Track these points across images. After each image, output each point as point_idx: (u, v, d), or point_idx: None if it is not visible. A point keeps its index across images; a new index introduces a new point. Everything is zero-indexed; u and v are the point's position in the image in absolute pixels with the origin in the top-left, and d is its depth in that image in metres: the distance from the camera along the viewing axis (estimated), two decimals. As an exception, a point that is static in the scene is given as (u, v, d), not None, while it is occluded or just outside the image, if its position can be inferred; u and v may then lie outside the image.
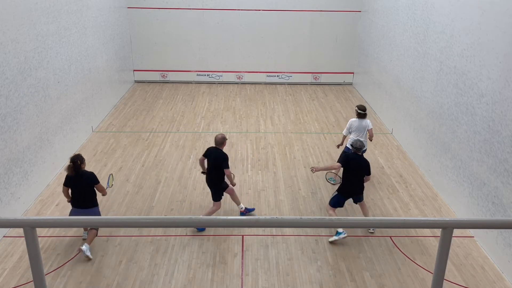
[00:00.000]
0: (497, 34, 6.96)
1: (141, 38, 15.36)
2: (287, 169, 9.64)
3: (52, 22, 9.01)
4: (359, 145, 7.36)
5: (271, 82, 16.08)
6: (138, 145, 10.62)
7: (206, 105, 13.66)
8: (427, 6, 9.62)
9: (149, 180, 9.07)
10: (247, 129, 11.89)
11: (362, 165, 7.31)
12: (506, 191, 6.60)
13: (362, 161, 7.35)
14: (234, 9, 15.21)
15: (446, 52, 8.69)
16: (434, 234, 7.50)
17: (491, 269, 6.73)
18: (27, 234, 1.95)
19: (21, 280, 6.27)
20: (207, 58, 15.77)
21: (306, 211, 8.15)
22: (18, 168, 7.64)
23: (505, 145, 6.66)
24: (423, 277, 6.51)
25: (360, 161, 7.34)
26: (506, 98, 6.67)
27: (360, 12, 15.16)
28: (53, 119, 9.02)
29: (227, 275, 6.47)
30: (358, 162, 7.31)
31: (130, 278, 6.37)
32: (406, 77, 10.73)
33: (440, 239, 2.07)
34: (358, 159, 7.34)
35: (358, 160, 7.33)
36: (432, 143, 9.20)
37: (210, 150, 7.54)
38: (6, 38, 7.29)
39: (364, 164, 7.34)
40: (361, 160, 7.36)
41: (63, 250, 6.90)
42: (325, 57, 15.89)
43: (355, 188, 7.34)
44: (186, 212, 8.02)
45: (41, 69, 8.52)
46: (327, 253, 6.97)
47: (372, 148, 10.76)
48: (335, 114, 13.06)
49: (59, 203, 8.17)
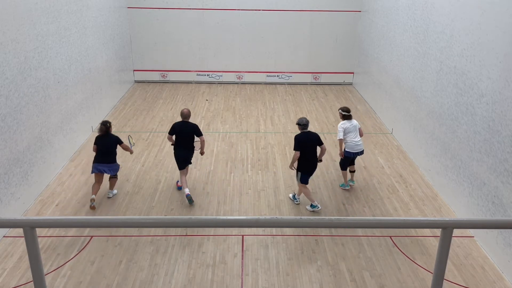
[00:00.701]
0: (497, 34, 6.96)
1: (141, 38, 15.36)
2: (287, 169, 9.64)
3: (52, 22, 9.01)
4: (306, 121, 7.90)
5: (271, 82, 16.08)
6: (138, 145, 10.62)
7: (206, 105, 13.67)
8: (427, 6, 9.62)
9: (149, 180, 9.07)
10: (247, 129, 11.89)
11: (313, 139, 7.87)
12: (506, 191, 6.60)
13: (312, 136, 7.91)
14: (234, 9, 15.21)
15: (446, 52, 8.69)
16: (434, 234, 7.49)
17: (491, 269, 6.73)
18: (27, 234, 1.95)
19: (21, 280, 6.27)
20: (207, 58, 15.78)
21: (306, 211, 8.15)
22: (18, 168, 7.64)
23: (505, 145, 6.66)
24: (423, 277, 6.51)
25: (310, 136, 7.88)
26: (506, 98, 6.67)
27: (360, 12, 15.16)
28: (53, 119, 9.03)
29: (227, 275, 6.48)
30: (309, 138, 7.85)
31: (130, 278, 6.37)
32: (406, 77, 10.73)
33: (440, 239, 2.07)
34: (309, 136, 7.87)
35: (308, 136, 7.86)
36: (432, 143, 9.20)
37: (179, 124, 8.29)
38: (6, 38, 7.29)
39: (315, 137, 7.90)
40: (311, 135, 7.91)
41: (63, 250, 6.90)
42: (325, 57, 15.89)
43: (315, 163, 7.96)
44: (186, 212, 8.02)
45: (41, 69, 8.52)
46: (327, 253, 6.97)
47: (372, 148, 10.77)
48: (335, 114, 13.05)
49: (59, 203, 8.17)
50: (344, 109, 8.64)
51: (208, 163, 9.82)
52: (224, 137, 11.30)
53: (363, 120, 12.59)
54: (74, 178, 9.04)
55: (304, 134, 7.88)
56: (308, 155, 7.86)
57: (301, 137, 7.85)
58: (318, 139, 7.92)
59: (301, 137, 7.85)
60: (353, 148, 8.46)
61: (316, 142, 7.89)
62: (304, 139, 7.81)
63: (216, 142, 10.94)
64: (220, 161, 9.96)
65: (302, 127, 7.89)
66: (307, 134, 7.90)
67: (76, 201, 8.25)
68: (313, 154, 7.91)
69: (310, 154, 7.88)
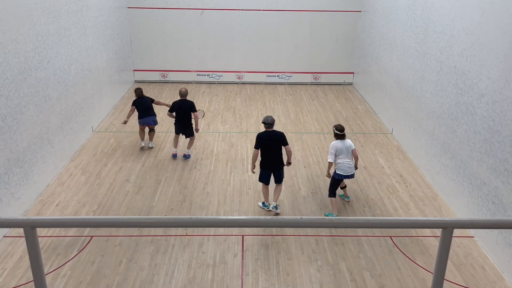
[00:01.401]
0: (497, 34, 6.96)
1: (141, 38, 15.36)
2: (287, 169, 9.63)
3: (52, 22, 9.01)
4: (271, 120, 7.71)
5: (271, 82, 16.08)
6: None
7: (206, 105, 13.66)
8: (427, 6, 9.62)
9: (149, 180, 9.07)
10: (247, 129, 11.89)
11: (276, 138, 7.67)
12: (506, 191, 6.60)
13: (276, 135, 7.70)
14: (234, 9, 15.20)
15: (446, 52, 8.69)
16: (434, 234, 7.50)
17: (491, 269, 6.73)
18: (27, 234, 1.95)
19: (21, 280, 6.27)
20: (207, 58, 15.77)
21: (306, 211, 8.15)
22: (18, 168, 7.64)
23: (505, 145, 6.66)
24: (423, 277, 6.51)
25: (272, 135, 7.69)
26: (506, 98, 6.67)
27: (360, 12, 15.16)
28: (53, 119, 9.03)
29: (227, 275, 6.48)
30: (271, 136, 7.67)
31: (130, 278, 6.37)
32: (406, 77, 10.73)
33: (440, 239, 2.07)
34: (271, 134, 7.69)
35: (270, 135, 7.68)
36: (432, 143, 9.20)
37: (178, 102, 9.66)
38: (6, 38, 7.29)
39: (279, 136, 7.70)
40: (274, 134, 7.71)
41: (63, 250, 6.90)
42: (325, 57, 15.89)
43: (274, 162, 7.77)
44: (186, 212, 8.02)
45: (41, 69, 8.52)
46: (327, 253, 6.97)
47: (372, 148, 10.77)
48: (335, 114, 13.05)
49: (59, 203, 8.17)
50: (338, 127, 7.79)
51: (208, 163, 9.83)
52: (224, 137, 11.30)
53: (363, 120, 12.59)
54: (74, 178, 9.04)
55: (267, 132, 7.71)
56: (271, 155, 7.70)
57: (262, 135, 7.71)
58: (282, 139, 7.71)
59: (262, 135, 7.71)
60: (346, 171, 7.67)
61: (280, 142, 7.70)
62: (265, 137, 7.66)
63: (216, 142, 10.94)
64: (220, 161, 9.96)
65: (266, 125, 7.72)
66: (270, 132, 7.71)
67: (76, 201, 8.25)
68: (276, 154, 7.73)
69: (274, 154, 7.72)
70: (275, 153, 7.74)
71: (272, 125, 7.75)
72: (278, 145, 7.71)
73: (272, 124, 7.75)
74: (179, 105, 9.61)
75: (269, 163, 7.78)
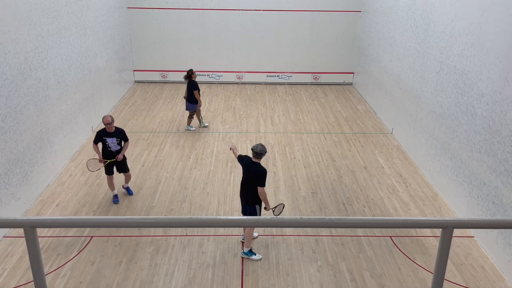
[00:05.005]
0: (497, 34, 6.96)
1: (141, 38, 15.36)
2: (287, 169, 9.64)
3: (52, 22, 9.01)
4: (259, 150, 6.36)
5: (271, 82, 16.08)
6: (138, 145, 10.62)
7: (206, 105, 13.66)
8: (427, 6, 9.62)
9: (149, 180, 9.07)
10: (247, 129, 11.89)
11: (252, 172, 6.39)
12: (506, 191, 6.60)
13: (254, 168, 6.39)
14: (234, 9, 15.20)
15: (446, 52, 8.69)
16: (434, 234, 7.50)
17: (491, 269, 6.73)
18: (27, 234, 1.95)
19: (21, 280, 6.27)
20: (207, 58, 15.77)
21: (306, 211, 8.15)
22: (18, 168, 7.64)
23: (505, 145, 6.66)
24: (423, 277, 6.51)
25: (251, 166, 6.43)
26: (506, 98, 6.67)
27: (360, 12, 15.16)
28: (53, 119, 9.02)
29: (227, 275, 6.47)
30: (249, 167, 6.44)
31: (130, 278, 6.37)
32: (406, 77, 10.73)
33: (440, 239, 2.07)
34: (250, 164, 6.46)
35: (250, 164, 6.46)
36: (432, 143, 9.20)
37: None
38: (6, 38, 7.29)
39: (255, 172, 6.35)
40: (254, 166, 6.41)
41: (63, 250, 6.90)
42: (325, 57, 15.88)
43: (244, 194, 6.63)
44: (186, 212, 8.02)
45: (41, 69, 8.52)
46: (327, 253, 6.97)
47: (372, 148, 10.77)
48: (335, 114, 13.05)
49: (59, 203, 8.17)
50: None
51: (208, 163, 9.82)
52: (224, 137, 11.30)
53: (363, 120, 12.59)
54: (74, 178, 9.04)
55: (249, 159, 6.56)
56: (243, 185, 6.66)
57: (244, 158, 6.68)
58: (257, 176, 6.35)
59: (244, 158, 6.68)
60: None
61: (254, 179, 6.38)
62: (245, 163, 6.61)
63: (216, 142, 10.94)
64: (220, 161, 9.96)
65: (253, 154, 6.48)
66: (252, 163, 6.48)
67: (76, 201, 8.25)
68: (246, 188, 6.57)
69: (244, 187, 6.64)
70: (246, 187, 6.58)
71: (259, 156, 6.39)
72: (251, 181, 6.41)
73: (259, 154, 6.38)
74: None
75: (241, 191, 6.74)
